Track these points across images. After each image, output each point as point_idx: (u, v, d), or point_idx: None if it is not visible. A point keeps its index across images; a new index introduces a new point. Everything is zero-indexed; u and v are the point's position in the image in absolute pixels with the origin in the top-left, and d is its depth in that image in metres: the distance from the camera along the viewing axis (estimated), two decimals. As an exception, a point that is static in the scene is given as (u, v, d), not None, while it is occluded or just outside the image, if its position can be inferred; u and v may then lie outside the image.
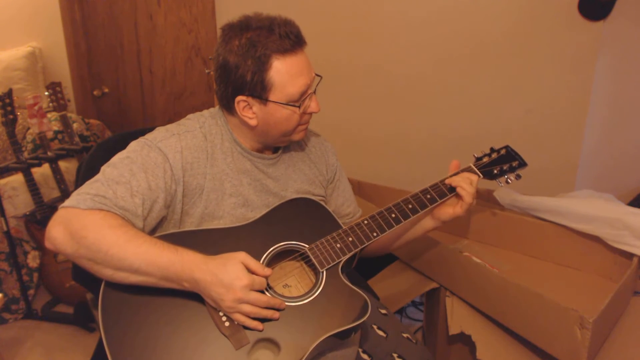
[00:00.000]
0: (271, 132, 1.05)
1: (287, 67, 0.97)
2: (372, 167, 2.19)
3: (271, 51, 0.96)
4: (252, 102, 1.00)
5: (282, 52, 0.96)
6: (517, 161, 1.19)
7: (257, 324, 0.90)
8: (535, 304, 1.11)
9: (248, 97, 0.99)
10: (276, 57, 0.96)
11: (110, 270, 0.87)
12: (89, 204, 0.89)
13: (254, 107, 1.01)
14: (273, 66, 0.96)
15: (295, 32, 0.98)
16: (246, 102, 1.00)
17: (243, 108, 1.01)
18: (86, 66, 2.83)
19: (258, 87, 0.98)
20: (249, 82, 0.97)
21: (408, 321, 2.03)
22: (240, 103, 1.01)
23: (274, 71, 0.97)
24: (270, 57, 0.96)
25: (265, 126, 1.03)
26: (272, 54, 0.96)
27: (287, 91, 0.98)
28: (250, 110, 1.01)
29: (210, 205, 1.03)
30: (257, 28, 0.97)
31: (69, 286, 2.09)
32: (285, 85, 0.98)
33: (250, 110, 1.01)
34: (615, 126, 1.81)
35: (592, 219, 1.30)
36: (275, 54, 0.96)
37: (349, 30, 2.11)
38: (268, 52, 0.95)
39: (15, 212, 2.09)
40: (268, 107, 1.00)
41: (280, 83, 0.98)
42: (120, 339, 0.86)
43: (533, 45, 1.79)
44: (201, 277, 0.86)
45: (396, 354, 1.07)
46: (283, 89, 0.98)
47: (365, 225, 1.06)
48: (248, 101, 1.00)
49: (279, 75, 0.97)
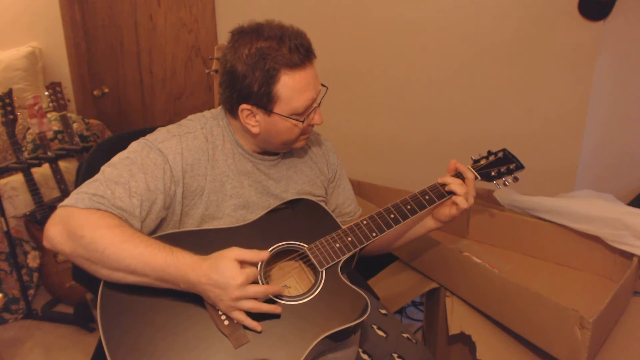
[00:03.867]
0: (272, 140, 1.05)
1: (295, 82, 0.97)
2: (372, 167, 2.19)
3: (280, 65, 0.95)
4: (256, 111, 1.00)
5: (290, 66, 0.95)
6: (515, 164, 1.20)
7: (256, 324, 0.90)
8: (535, 304, 1.11)
9: (252, 106, 1.00)
10: (284, 71, 0.96)
11: (107, 271, 0.87)
12: (87, 204, 0.89)
13: (258, 115, 1.01)
14: (281, 80, 0.96)
15: (306, 46, 0.97)
16: (250, 110, 1.00)
17: (246, 116, 1.01)
18: (86, 66, 2.83)
19: (264, 99, 0.98)
20: (255, 93, 0.97)
21: (408, 321, 2.03)
22: (244, 111, 1.01)
23: (281, 85, 0.96)
24: (279, 72, 0.95)
25: (266, 135, 1.04)
26: (280, 68, 0.95)
27: (292, 105, 0.98)
28: (253, 118, 1.02)
29: (210, 206, 1.03)
30: (268, 38, 0.95)
31: (69, 286, 2.09)
32: (291, 99, 0.98)
33: (253, 118, 1.02)
34: (615, 126, 1.81)
35: (592, 219, 1.30)
36: (284, 68, 0.95)
37: (349, 32, 2.11)
38: (277, 66, 0.95)
39: (15, 212, 2.09)
40: (272, 118, 1.00)
41: (287, 97, 0.97)
42: (119, 339, 0.86)
43: (533, 46, 1.79)
44: (196, 279, 0.86)
45: (396, 354, 1.07)
46: (289, 103, 0.98)
47: (364, 226, 1.06)
48: (252, 110, 1.00)
49: (285, 89, 0.97)
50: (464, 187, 1.09)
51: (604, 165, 1.85)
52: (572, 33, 1.71)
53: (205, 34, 2.53)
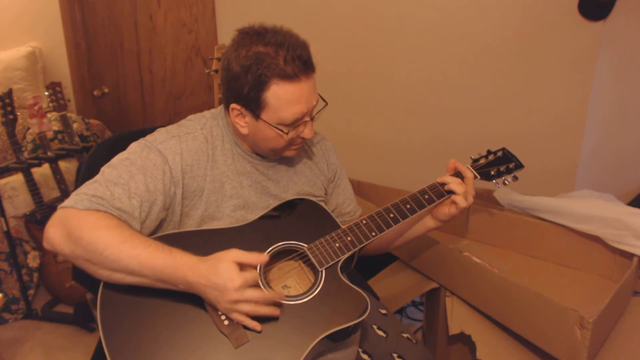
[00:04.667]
0: (260, 144, 1.05)
1: (285, 93, 0.96)
2: (372, 167, 2.19)
3: (272, 74, 0.94)
4: (245, 112, 1.01)
5: (282, 77, 0.94)
6: (514, 163, 1.20)
7: (256, 324, 0.90)
8: (535, 304, 1.11)
9: (242, 107, 1.00)
10: (275, 81, 0.95)
11: (107, 271, 0.87)
12: (86, 205, 0.89)
13: (247, 117, 1.01)
14: (271, 89, 0.95)
15: (305, 59, 0.96)
16: (239, 111, 1.01)
17: (236, 115, 1.02)
18: (86, 66, 2.83)
19: (252, 103, 0.98)
20: (245, 95, 0.97)
21: (408, 321, 2.03)
22: (234, 110, 1.01)
23: (271, 93, 0.96)
24: (270, 80, 0.95)
25: (254, 138, 1.04)
26: (272, 76, 0.94)
27: (279, 115, 0.98)
28: (242, 119, 1.02)
29: (210, 207, 1.04)
30: (267, 44, 0.95)
31: (69, 286, 2.09)
32: (279, 109, 0.97)
33: (242, 119, 1.02)
34: (615, 126, 1.81)
35: (592, 219, 1.30)
36: (276, 77, 0.94)
37: (349, 31, 2.11)
38: (269, 74, 0.94)
39: (15, 212, 2.09)
40: (258, 123, 1.00)
41: (275, 106, 0.97)
42: (119, 339, 0.86)
43: (533, 46, 1.79)
44: (194, 280, 0.86)
45: (396, 354, 1.07)
46: (276, 112, 0.97)
47: (364, 225, 1.06)
48: (241, 111, 1.01)
49: (274, 98, 0.96)
50: (463, 186, 1.09)
51: (604, 165, 1.85)
52: (572, 33, 1.71)
53: (205, 34, 2.53)
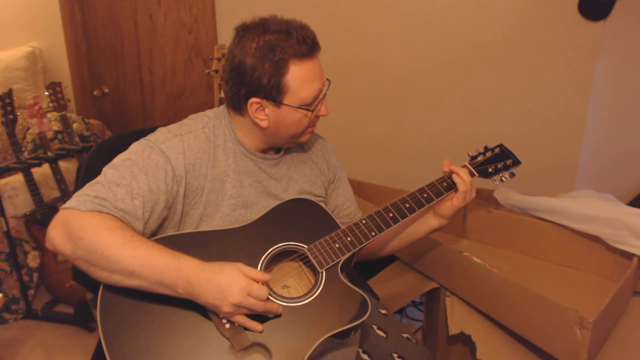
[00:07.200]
0: (280, 133, 1.06)
1: (303, 72, 0.99)
2: (372, 167, 2.19)
3: (289, 56, 0.97)
4: (265, 104, 1.01)
5: (299, 57, 0.97)
6: (511, 159, 1.21)
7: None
8: (535, 304, 1.11)
9: (262, 99, 1.00)
10: (293, 62, 0.97)
11: (106, 273, 0.87)
12: (89, 206, 0.89)
13: (267, 109, 1.02)
14: (290, 71, 0.98)
15: (312, 37, 0.99)
16: (259, 104, 1.01)
17: (256, 110, 1.02)
18: (86, 66, 2.83)
19: (274, 91, 0.99)
20: (264, 85, 0.98)
21: (408, 321, 2.03)
22: (254, 105, 1.01)
23: (291, 76, 0.98)
24: (288, 62, 0.97)
25: (275, 128, 1.04)
26: (290, 58, 0.97)
27: (301, 95, 1.00)
28: (262, 112, 1.02)
29: (209, 206, 1.03)
30: (275, 31, 0.97)
31: (69, 286, 2.09)
32: (300, 90, 0.99)
33: (262, 112, 1.02)
34: (615, 126, 1.81)
35: (592, 219, 1.30)
36: (293, 58, 0.97)
37: (348, 30, 2.11)
38: (286, 57, 0.97)
39: (15, 212, 2.09)
40: (281, 109, 1.01)
41: (296, 87, 0.99)
42: (119, 340, 0.86)
43: (533, 45, 1.79)
44: (197, 281, 0.85)
45: (396, 354, 1.07)
46: (297, 93, 1.00)
47: (363, 225, 1.06)
48: (261, 103, 1.01)
49: (294, 80, 0.98)
50: (469, 178, 1.13)
51: (604, 165, 1.85)
52: (572, 33, 1.71)
53: (205, 34, 2.53)
